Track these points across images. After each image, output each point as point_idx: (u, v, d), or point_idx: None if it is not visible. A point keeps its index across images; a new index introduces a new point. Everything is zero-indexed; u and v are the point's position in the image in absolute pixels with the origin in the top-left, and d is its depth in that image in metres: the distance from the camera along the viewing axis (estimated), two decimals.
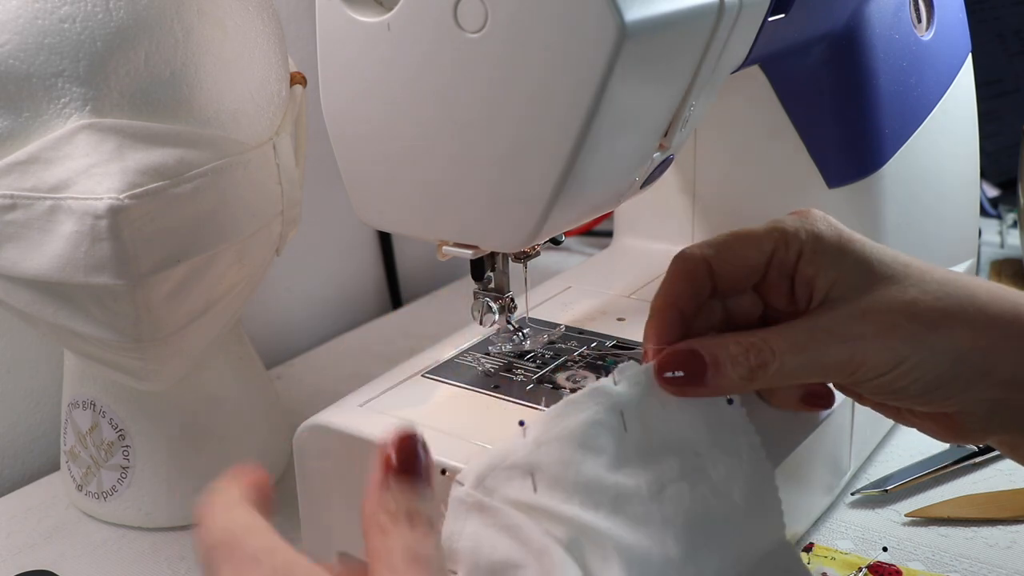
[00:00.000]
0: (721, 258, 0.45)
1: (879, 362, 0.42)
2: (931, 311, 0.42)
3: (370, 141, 0.48)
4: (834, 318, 0.42)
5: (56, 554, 0.62)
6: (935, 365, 0.42)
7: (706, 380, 0.42)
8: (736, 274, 0.45)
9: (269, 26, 0.60)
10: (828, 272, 0.43)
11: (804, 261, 0.44)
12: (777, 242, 0.44)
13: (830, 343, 0.42)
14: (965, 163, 0.76)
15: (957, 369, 0.42)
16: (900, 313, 0.42)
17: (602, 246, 0.92)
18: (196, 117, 0.53)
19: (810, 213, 0.46)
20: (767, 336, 0.42)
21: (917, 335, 0.41)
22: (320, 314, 0.98)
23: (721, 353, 0.42)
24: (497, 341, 0.60)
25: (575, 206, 0.48)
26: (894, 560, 0.56)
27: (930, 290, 0.42)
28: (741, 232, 0.46)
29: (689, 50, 0.47)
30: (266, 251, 0.61)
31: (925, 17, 0.71)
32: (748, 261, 0.45)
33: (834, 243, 0.44)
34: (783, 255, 0.44)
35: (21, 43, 0.50)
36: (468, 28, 0.42)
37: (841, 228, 0.45)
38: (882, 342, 0.41)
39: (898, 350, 0.41)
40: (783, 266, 0.44)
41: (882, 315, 0.42)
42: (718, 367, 0.42)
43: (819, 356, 0.42)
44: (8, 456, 0.75)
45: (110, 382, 0.63)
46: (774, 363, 0.42)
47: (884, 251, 0.44)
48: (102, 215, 0.49)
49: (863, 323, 0.42)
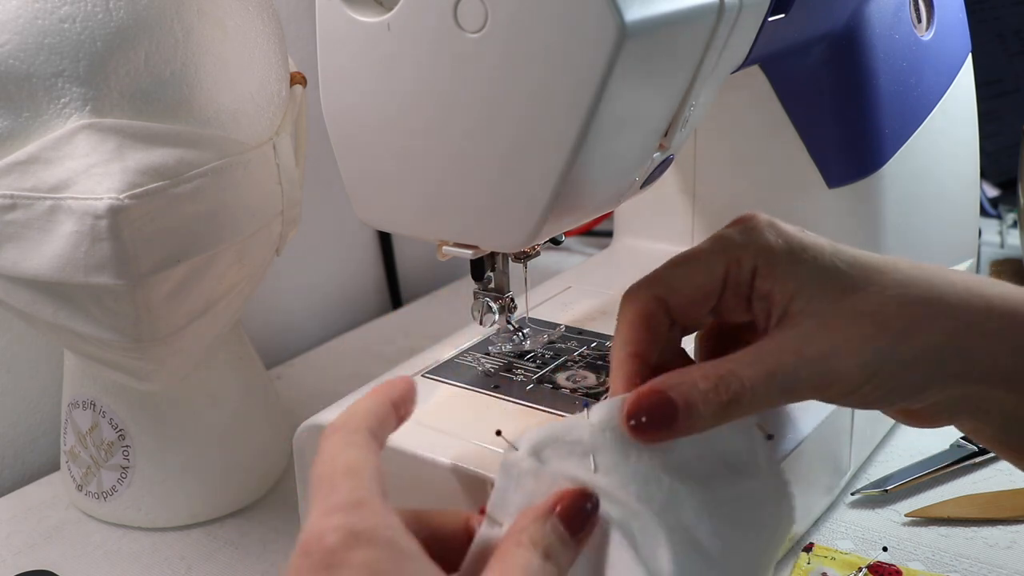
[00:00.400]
0: (672, 291, 0.43)
1: (852, 377, 0.40)
2: (898, 318, 0.40)
3: (370, 141, 0.48)
4: (800, 337, 0.40)
5: (56, 554, 0.62)
6: (909, 372, 0.40)
7: (678, 424, 0.39)
8: (690, 304, 0.43)
9: (269, 26, 0.60)
10: (785, 285, 0.41)
11: (759, 277, 0.42)
12: (728, 263, 0.42)
13: (800, 365, 0.39)
14: (965, 163, 0.76)
15: (931, 372, 0.40)
16: (867, 324, 0.40)
17: (602, 246, 0.92)
18: (196, 117, 0.53)
19: (755, 222, 0.43)
20: (735, 368, 0.39)
21: (887, 346, 0.39)
22: (320, 314, 0.98)
23: (692, 393, 0.39)
24: (497, 341, 0.60)
25: (575, 206, 0.48)
26: (894, 560, 0.56)
27: (894, 295, 0.40)
28: (686, 257, 0.43)
29: (689, 50, 0.47)
30: (266, 251, 0.61)
31: (925, 17, 0.71)
32: (700, 288, 0.42)
33: (785, 254, 0.42)
34: (736, 275, 0.42)
35: (21, 43, 0.50)
36: (468, 28, 0.42)
37: (790, 235, 0.42)
38: (853, 358, 0.39)
39: (870, 364, 0.39)
40: (738, 285, 0.42)
41: (848, 327, 0.40)
42: (690, 409, 0.39)
43: (791, 381, 0.39)
44: (8, 456, 0.75)
45: (110, 382, 0.63)
46: (746, 395, 0.39)
47: (839, 254, 0.42)
48: (102, 215, 0.49)
49: (830, 337, 0.40)
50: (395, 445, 0.50)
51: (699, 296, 0.42)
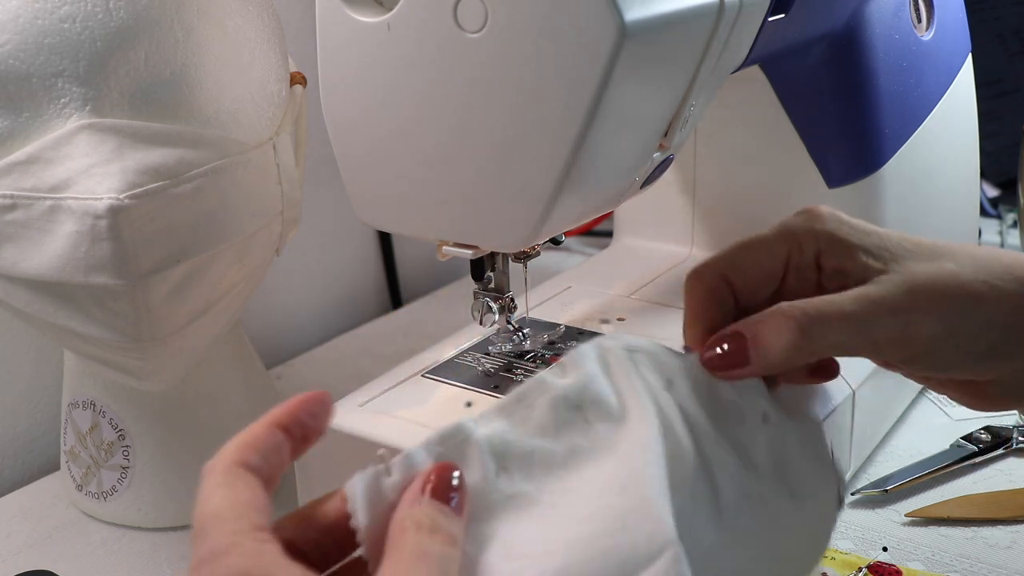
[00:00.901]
0: (736, 270, 0.43)
1: (931, 335, 0.40)
2: (974, 283, 0.41)
3: (370, 141, 0.48)
4: (882, 292, 0.41)
5: (56, 554, 0.62)
6: (986, 336, 0.41)
7: (749, 357, 0.40)
8: (754, 284, 0.44)
9: (269, 26, 0.60)
10: (856, 259, 0.42)
11: (825, 256, 0.43)
12: (791, 245, 0.43)
13: (881, 315, 0.40)
14: (965, 163, 0.76)
15: (1005, 339, 0.41)
16: (945, 285, 0.41)
17: (602, 246, 0.92)
18: (196, 117, 0.53)
19: (818, 211, 0.45)
20: (817, 304, 0.40)
21: (968, 307, 0.41)
22: (320, 314, 0.98)
23: (762, 329, 0.40)
24: (497, 341, 0.60)
25: (575, 206, 0.48)
26: (894, 560, 0.56)
27: (967, 264, 0.42)
28: (751, 240, 0.44)
29: (689, 50, 0.47)
30: (266, 251, 0.61)
31: (925, 17, 0.71)
32: (764, 269, 0.43)
33: (850, 234, 0.43)
34: (799, 258, 0.43)
35: (21, 43, 0.50)
36: (468, 28, 0.42)
37: (852, 221, 0.44)
38: (933, 314, 0.40)
39: (950, 321, 0.40)
40: (802, 268, 0.43)
41: (928, 288, 0.41)
42: (758, 340, 0.40)
43: (870, 328, 0.40)
44: (8, 456, 0.75)
45: (110, 382, 0.63)
46: (822, 333, 0.40)
47: (902, 235, 0.44)
48: (102, 215, 0.49)
49: (912, 296, 0.41)
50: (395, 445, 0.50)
51: (763, 276, 0.43)
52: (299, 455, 0.37)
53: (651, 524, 0.34)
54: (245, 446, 0.35)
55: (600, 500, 0.36)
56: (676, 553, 0.34)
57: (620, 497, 0.36)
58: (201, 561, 0.32)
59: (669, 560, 0.34)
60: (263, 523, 0.33)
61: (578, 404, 0.39)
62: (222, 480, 0.34)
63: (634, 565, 0.33)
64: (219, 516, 0.32)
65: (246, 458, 0.34)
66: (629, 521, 0.35)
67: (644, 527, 0.34)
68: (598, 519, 0.35)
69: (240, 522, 0.32)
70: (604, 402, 0.39)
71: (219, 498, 0.33)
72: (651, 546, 0.34)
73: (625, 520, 0.35)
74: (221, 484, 0.33)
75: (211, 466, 0.34)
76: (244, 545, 0.31)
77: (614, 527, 0.35)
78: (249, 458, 0.34)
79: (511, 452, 0.38)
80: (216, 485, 0.33)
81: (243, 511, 0.33)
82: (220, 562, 0.31)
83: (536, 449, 0.38)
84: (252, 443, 0.35)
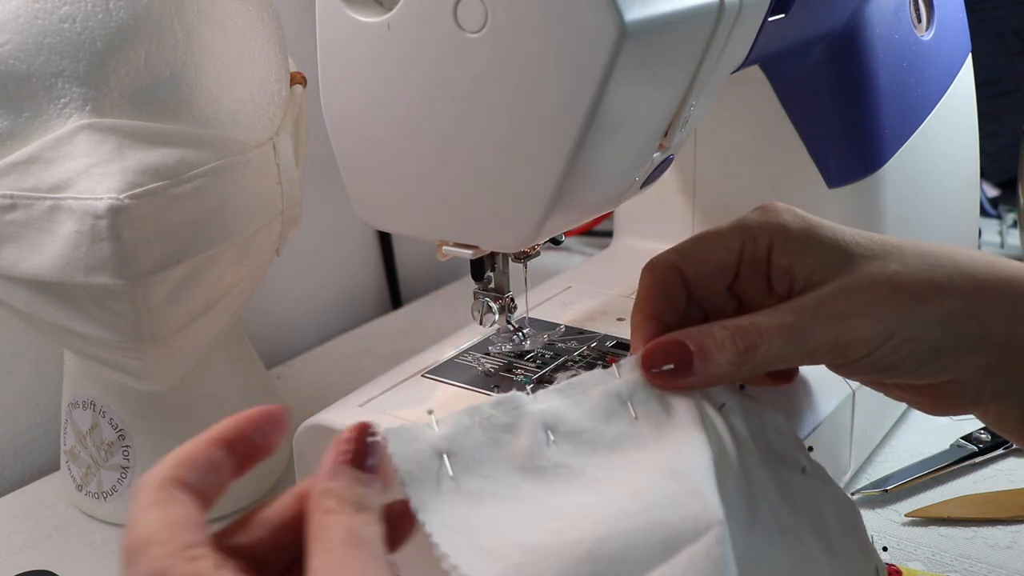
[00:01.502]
0: (690, 262, 0.44)
1: (868, 338, 0.41)
2: (916, 283, 0.41)
3: (370, 141, 0.48)
4: (818, 298, 0.41)
5: (56, 554, 0.62)
6: (927, 336, 0.41)
7: (694, 369, 0.40)
8: (707, 276, 0.44)
9: (269, 26, 0.60)
10: (805, 258, 0.42)
11: (776, 253, 0.43)
12: (744, 238, 0.44)
13: (817, 323, 0.41)
14: (965, 163, 0.76)
15: (950, 337, 0.41)
16: (884, 287, 0.41)
17: (602, 246, 0.92)
18: (196, 117, 0.53)
19: (774, 206, 0.45)
20: (754, 319, 0.41)
21: (904, 307, 0.41)
22: (320, 314, 0.98)
23: (707, 340, 0.41)
24: (497, 341, 0.60)
25: (575, 206, 0.48)
26: (894, 560, 0.56)
27: (912, 264, 0.42)
28: (706, 233, 0.45)
29: (689, 50, 0.47)
30: (266, 251, 0.61)
31: (925, 17, 0.71)
32: (717, 262, 0.44)
33: (803, 231, 0.43)
34: (752, 250, 0.44)
35: (21, 43, 0.50)
36: (468, 28, 0.42)
37: (808, 217, 0.44)
38: (870, 317, 0.40)
39: (887, 324, 0.40)
40: (755, 262, 0.44)
41: (867, 291, 0.41)
42: (705, 354, 0.40)
43: (807, 337, 0.41)
44: (8, 456, 0.75)
45: (110, 382, 0.63)
46: (762, 346, 0.40)
47: (857, 232, 0.44)
48: (102, 215, 0.49)
49: (848, 300, 0.41)
50: None
51: (715, 269, 0.44)
52: (243, 472, 0.35)
53: (699, 505, 0.35)
54: (180, 463, 0.33)
55: (650, 480, 0.36)
56: (721, 533, 0.34)
57: (670, 480, 0.36)
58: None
59: (713, 538, 0.34)
60: (196, 540, 0.31)
61: (629, 400, 0.40)
62: (154, 498, 0.32)
63: (677, 540, 0.34)
64: (150, 539, 0.31)
65: (180, 475, 0.33)
66: (679, 499, 0.35)
67: (692, 507, 0.35)
68: (646, 496, 0.36)
69: (172, 543, 0.31)
70: (653, 404, 0.40)
71: (150, 519, 0.32)
72: (697, 524, 0.34)
73: (675, 499, 0.35)
74: (153, 503, 0.32)
75: (143, 483, 0.33)
76: (177, 568, 0.30)
77: (663, 503, 0.35)
78: (184, 476, 0.33)
79: (561, 426, 0.38)
80: (148, 504, 0.32)
81: (175, 531, 0.31)
82: None
83: (586, 429, 0.39)
84: (188, 460, 0.34)
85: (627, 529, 0.34)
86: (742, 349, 0.40)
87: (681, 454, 0.37)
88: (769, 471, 0.41)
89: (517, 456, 0.37)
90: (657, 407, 0.40)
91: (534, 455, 0.37)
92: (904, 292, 0.41)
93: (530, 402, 0.39)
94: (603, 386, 0.40)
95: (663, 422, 0.39)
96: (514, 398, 0.39)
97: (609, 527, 0.34)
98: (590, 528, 0.34)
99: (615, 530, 0.34)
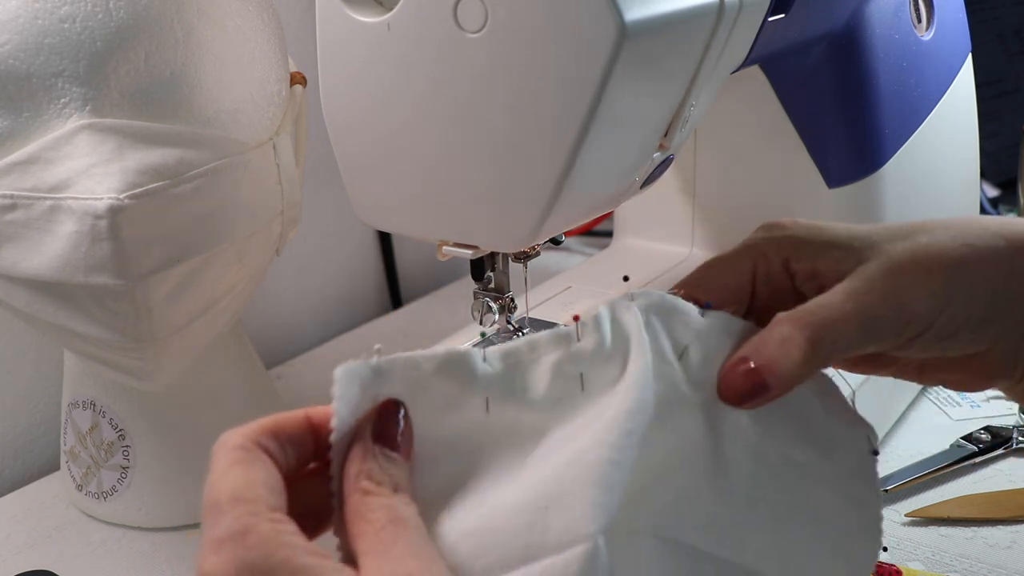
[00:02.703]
0: (702, 291, 0.42)
1: (927, 310, 0.40)
2: (955, 249, 0.40)
3: (370, 141, 0.48)
4: (867, 283, 0.40)
5: (56, 554, 0.62)
6: (980, 298, 0.40)
7: (767, 384, 0.38)
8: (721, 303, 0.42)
9: (269, 26, 0.60)
10: (826, 257, 0.41)
11: (794, 261, 0.42)
12: (754, 258, 0.42)
13: (876, 305, 0.39)
14: (965, 163, 0.76)
15: (999, 300, 0.40)
16: (928, 258, 0.40)
17: (602, 246, 0.92)
18: (196, 117, 0.53)
19: (776, 222, 0.44)
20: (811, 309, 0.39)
21: (953, 273, 0.40)
22: (320, 314, 0.98)
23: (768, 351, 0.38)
24: (497, 341, 0.60)
25: (575, 206, 0.48)
26: (894, 560, 0.56)
27: (941, 236, 0.41)
28: (713, 260, 0.43)
29: (689, 50, 0.47)
30: (266, 251, 0.61)
31: (925, 17, 0.71)
32: (729, 287, 0.42)
33: (814, 234, 0.42)
34: (765, 268, 0.42)
35: (21, 43, 0.50)
36: (468, 28, 0.42)
37: (813, 222, 0.43)
38: (925, 290, 0.40)
39: (943, 294, 0.40)
40: (770, 278, 0.42)
41: (911, 266, 0.40)
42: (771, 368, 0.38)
43: (872, 322, 0.39)
44: (8, 456, 0.75)
45: (110, 382, 0.63)
46: (831, 339, 0.39)
47: (868, 225, 0.43)
48: (102, 215, 0.49)
49: (895, 278, 0.40)
50: None
51: (729, 294, 0.42)
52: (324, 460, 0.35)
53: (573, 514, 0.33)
54: (265, 429, 0.34)
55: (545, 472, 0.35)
56: (589, 551, 0.33)
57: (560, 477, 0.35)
58: (217, 541, 0.31)
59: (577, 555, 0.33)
60: (278, 504, 0.32)
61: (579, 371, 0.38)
62: (236, 457, 0.32)
63: (539, 548, 0.33)
64: (235, 495, 0.31)
65: (262, 440, 0.33)
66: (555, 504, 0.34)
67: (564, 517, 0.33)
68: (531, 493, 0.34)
69: (257, 504, 0.31)
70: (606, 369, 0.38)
71: (234, 476, 0.32)
72: (562, 538, 0.33)
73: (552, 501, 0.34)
74: (236, 461, 0.32)
75: (225, 440, 0.33)
76: (262, 528, 0.31)
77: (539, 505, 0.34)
78: (266, 442, 0.33)
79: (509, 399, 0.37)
80: (231, 462, 0.32)
81: (259, 492, 0.32)
82: (240, 543, 0.30)
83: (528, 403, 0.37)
84: (273, 429, 0.34)
85: (496, 527, 0.33)
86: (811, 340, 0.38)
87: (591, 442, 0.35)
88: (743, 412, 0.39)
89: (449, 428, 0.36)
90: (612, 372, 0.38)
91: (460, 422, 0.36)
92: (947, 259, 0.40)
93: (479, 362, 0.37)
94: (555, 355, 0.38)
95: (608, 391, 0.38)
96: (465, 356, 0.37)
97: (483, 522, 0.33)
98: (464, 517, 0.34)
99: (487, 526, 0.33)
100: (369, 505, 0.32)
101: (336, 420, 0.34)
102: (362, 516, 0.32)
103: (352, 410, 0.34)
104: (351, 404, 0.34)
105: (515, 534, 0.33)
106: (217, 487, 0.32)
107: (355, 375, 0.35)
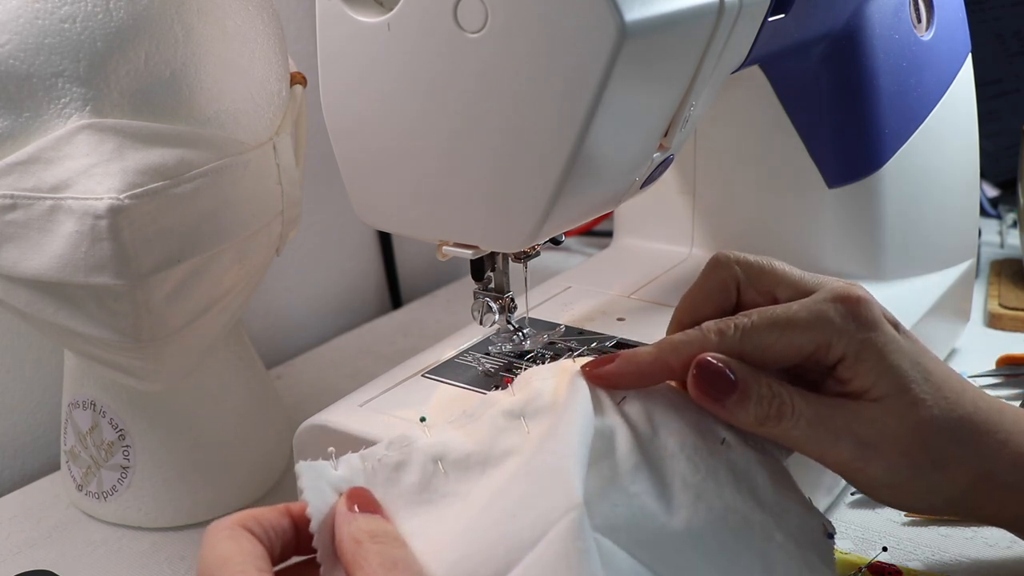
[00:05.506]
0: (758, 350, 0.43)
1: (877, 476, 0.43)
2: (945, 445, 0.42)
3: (370, 141, 0.48)
4: (857, 417, 0.43)
5: (56, 554, 0.62)
6: (928, 497, 0.44)
7: (727, 404, 0.42)
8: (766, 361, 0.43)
9: (269, 26, 0.60)
10: (866, 378, 0.43)
11: (844, 366, 0.43)
12: (819, 346, 0.43)
13: (843, 437, 0.42)
14: (965, 163, 0.76)
15: (947, 504, 0.44)
16: (915, 442, 0.42)
17: (602, 246, 0.92)
18: (196, 117, 0.53)
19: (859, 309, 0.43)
20: (794, 394, 0.42)
21: (922, 470, 0.43)
22: (320, 314, 0.98)
23: (752, 386, 0.42)
24: (497, 341, 0.60)
25: (575, 206, 0.48)
26: (894, 560, 0.56)
27: (947, 424, 0.43)
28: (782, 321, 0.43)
29: (689, 50, 0.47)
30: (266, 251, 0.61)
31: (925, 17, 0.71)
32: (783, 355, 0.43)
33: (875, 352, 0.43)
34: (823, 357, 0.43)
35: (21, 43, 0.50)
36: (468, 28, 0.42)
37: (887, 331, 0.43)
38: (889, 462, 0.42)
39: (900, 475, 0.43)
40: (818, 363, 0.44)
41: (899, 437, 0.42)
42: (744, 397, 0.42)
43: (829, 441, 0.42)
44: (8, 456, 0.75)
45: (110, 382, 0.63)
46: (789, 421, 0.42)
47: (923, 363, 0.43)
48: (102, 215, 0.49)
49: (880, 436, 0.42)
50: None
51: (778, 359, 0.44)
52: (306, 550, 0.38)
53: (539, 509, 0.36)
54: (249, 516, 0.37)
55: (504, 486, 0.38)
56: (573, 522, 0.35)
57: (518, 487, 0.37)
58: None
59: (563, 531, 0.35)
60: (266, 567, 0.35)
61: (521, 415, 0.41)
62: (225, 535, 0.36)
63: (519, 551, 0.35)
64: (226, 559, 0.35)
65: (248, 524, 0.37)
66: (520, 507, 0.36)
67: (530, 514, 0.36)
68: (497, 507, 0.37)
69: (246, 564, 0.35)
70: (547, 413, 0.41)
71: (224, 547, 0.35)
72: (534, 531, 0.35)
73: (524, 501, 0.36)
74: (225, 538, 0.36)
75: (213, 527, 0.37)
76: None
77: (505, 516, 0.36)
78: (251, 526, 0.37)
79: (450, 455, 0.40)
80: (222, 538, 0.36)
81: (247, 556, 0.35)
82: None
83: (473, 452, 0.40)
84: (256, 517, 0.37)
85: (473, 550, 0.36)
86: (772, 414, 0.42)
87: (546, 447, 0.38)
88: (689, 449, 0.41)
89: (409, 492, 0.39)
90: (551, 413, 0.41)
91: (423, 488, 0.39)
92: (928, 452, 0.42)
93: (420, 438, 0.41)
94: (496, 407, 0.42)
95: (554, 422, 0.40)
96: (404, 437, 0.41)
97: (461, 550, 0.36)
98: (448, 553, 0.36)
99: (464, 552, 0.36)
100: (363, 554, 0.35)
101: (311, 509, 0.37)
102: (359, 566, 0.35)
103: (324, 499, 0.38)
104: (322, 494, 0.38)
105: (493, 546, 0.35)
106: (207, 560, 0.35)
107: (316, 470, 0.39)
